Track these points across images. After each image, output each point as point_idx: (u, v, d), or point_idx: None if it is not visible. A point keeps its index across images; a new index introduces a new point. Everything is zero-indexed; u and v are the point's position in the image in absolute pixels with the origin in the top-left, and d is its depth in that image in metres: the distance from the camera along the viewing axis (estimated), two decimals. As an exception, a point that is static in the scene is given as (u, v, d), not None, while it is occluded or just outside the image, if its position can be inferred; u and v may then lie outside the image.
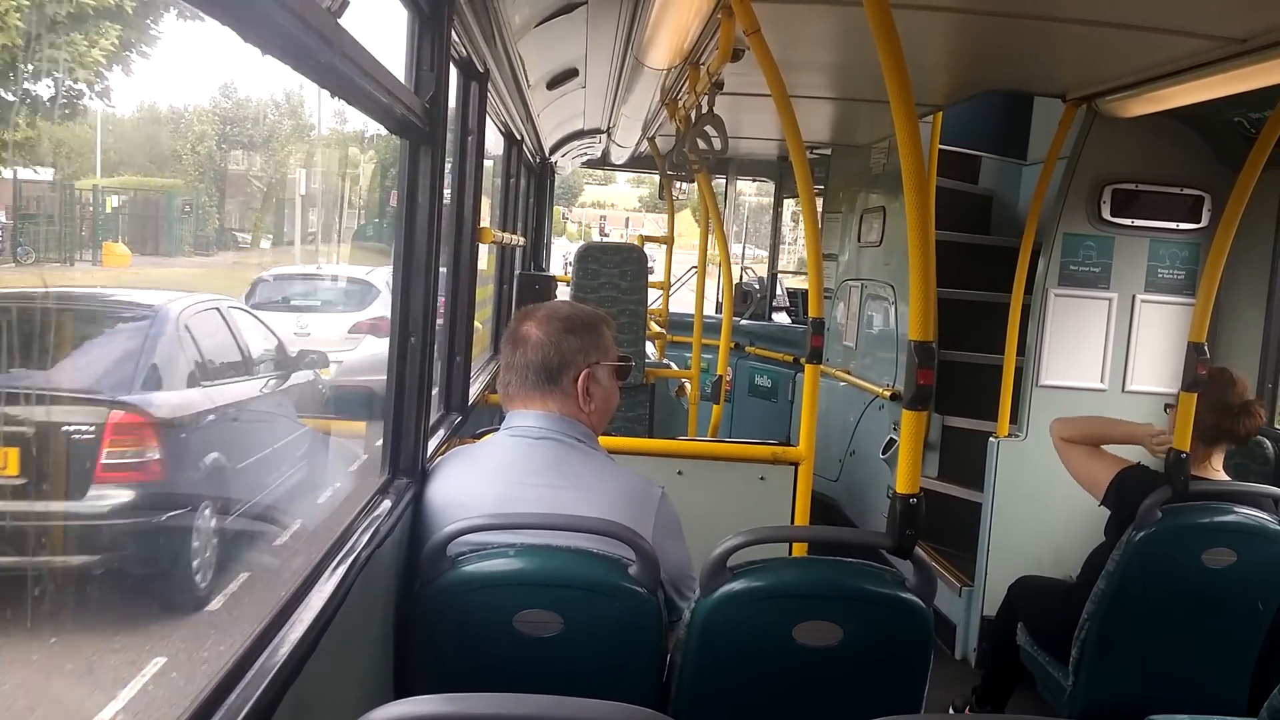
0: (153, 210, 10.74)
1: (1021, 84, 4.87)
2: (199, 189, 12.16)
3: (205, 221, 12.18)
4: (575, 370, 2.40)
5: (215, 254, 11.74)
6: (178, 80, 16.29)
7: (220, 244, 12.65)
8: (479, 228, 3.61)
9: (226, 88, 12.04)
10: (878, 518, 5.62)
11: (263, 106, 13.15)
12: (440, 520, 2.32)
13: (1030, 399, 4.61)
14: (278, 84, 19.65)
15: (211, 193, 12.20)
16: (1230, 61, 3.29)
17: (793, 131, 3.23)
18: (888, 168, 6.04)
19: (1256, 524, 3.21)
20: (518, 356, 2.41)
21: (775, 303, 9.69)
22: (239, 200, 12.51)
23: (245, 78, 11.93)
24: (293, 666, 1.55)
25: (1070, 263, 4.59)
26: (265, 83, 16.13)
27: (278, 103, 13.46)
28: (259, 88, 12.26)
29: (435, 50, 2.50)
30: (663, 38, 3.63)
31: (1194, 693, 3.31)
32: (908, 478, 2.26)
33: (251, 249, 12.22)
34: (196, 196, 12.00)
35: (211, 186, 12.12)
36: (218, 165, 12.08)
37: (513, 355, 2.42)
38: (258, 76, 20.45)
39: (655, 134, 6.52)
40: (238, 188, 12.40)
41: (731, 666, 2.20)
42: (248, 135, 12.07)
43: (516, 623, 2.14)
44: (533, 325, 2.41)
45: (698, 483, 3.51)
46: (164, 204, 10.36)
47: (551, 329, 2.40)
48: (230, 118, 11.95)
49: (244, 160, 12.39)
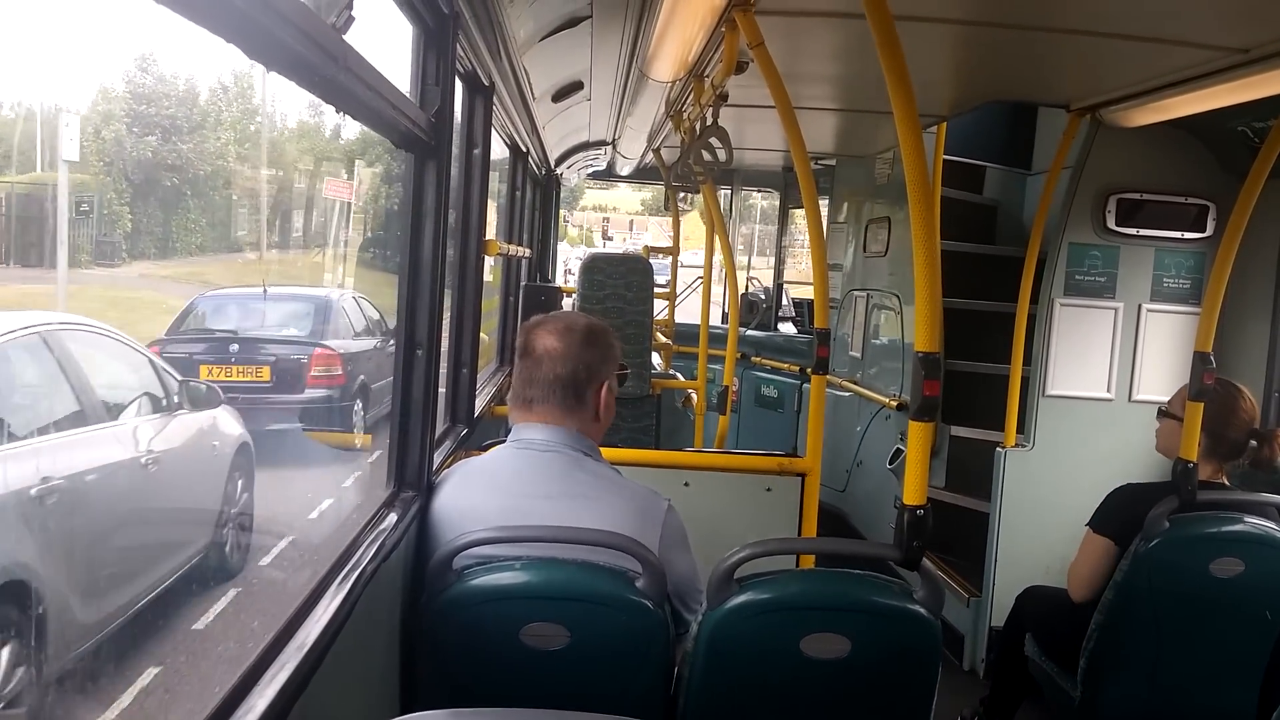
0: (35, 210, 8.35)
1: (1025, 94, 4.87)
2: (104, 184, 9.61)
3: (113, 224, 10.01)
4: (596, 384, 2.40)
5: (123, 264, 9.68)
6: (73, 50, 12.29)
7: (137, 252, 10.30)
8: (484, 240, 3.61)
9: (144, 60, 9.40)
10: (885, 528, 5.61)
11: (198, 84, 11.18)
12: (446, 533, 2.32)
13: (1037, 409, 4.61)
14: (220, 60, 15.59)
15: (123, 188, 9.63)
16: (1234, 71, 3.29)
17: (797, 143, 3.23)
18: (892, 178, 6.05)
19: (1265, 533, 3.20)
20: (542, 370, 2.38)
21: (781, 313, 9.68)
22: (164, 198, 10.10)
23: (173, 51, 9.71)
24: (299, 681, 1.55)
25: (1076, 272, 4.58)
26: (201, 58, 13.57)
27: (225, 85, 10.98)
28: (192, 63, 10.39)
29: (440, 64, 2.51)
30: (667, 50, 3.64)
31: (1202, 702, 3.29)
32: (915, 488, 2.26)
33: (173, 258, 10.74)
34: (100, 193, 9.67)
35: (122, 180, 9.41)
36: (132, 155, 9.12)
37: (535, 369, 2.39)
38: (189, 49, 14.98)
39: (660, 146, 6.54)
40: (163, 182, 9.67)
41: (739, 679, 2.20)
42: (171, 118, 9.37)
43: (523, 636, 2.14)
44: (553, 338, 2.39)
45: (704, 494, 3.50)
46: (50, 203, 7.98)
47: (573, 342, 2.39)
48: (147, 95, 9.06)
49: (168, 149, 9.40)
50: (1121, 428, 4.60)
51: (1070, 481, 4.50)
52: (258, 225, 12.16)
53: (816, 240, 3.51)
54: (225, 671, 4.57)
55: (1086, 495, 3.61)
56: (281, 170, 13.57)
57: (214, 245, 11.57)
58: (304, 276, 13.41)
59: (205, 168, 11.23)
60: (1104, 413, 4.63)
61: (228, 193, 11.97)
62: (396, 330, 2.53)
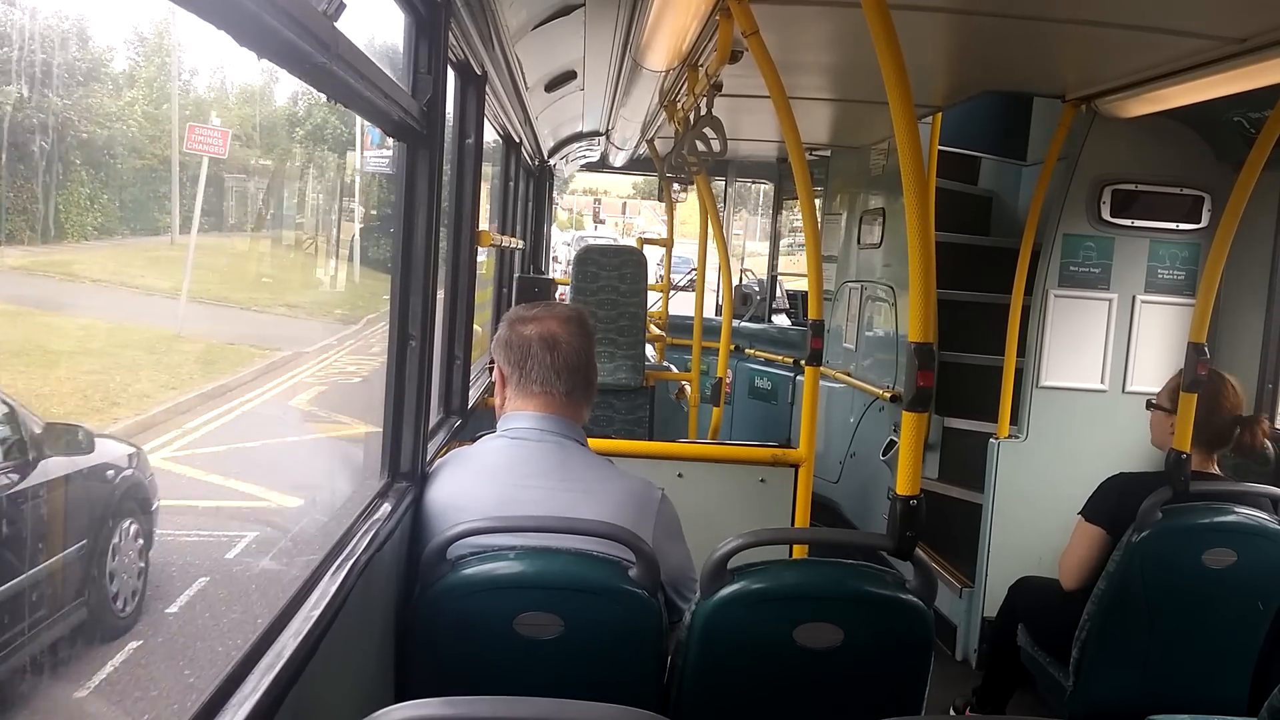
0: None
1: (1021, 84, 4.86)
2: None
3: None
4: (595, 369, 2.47)
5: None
6: None
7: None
8: (477, 230, 3.60)
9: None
10: (878, 519, 5.62)
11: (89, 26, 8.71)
12: (440, 523, 2.32)
13: (1031, 400, 4.61)
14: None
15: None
16: (1230, 61, 3.29)
17: (791, 133, 3.23)
18: (887, 169, 6.04)
19: (1257, 524, 3.21)
20: (558, 358, 2.38)
21: (775, 305, 9.69)
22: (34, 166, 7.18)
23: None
24: (293, 670, 1.55)
25: (1070, 263, 4.58)
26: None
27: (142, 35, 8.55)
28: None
29: (432, 53, 2.50)
30: (661, 40, 3.63)
31: (1194, 692, 3.31)
32: (908, 479, 2.26)
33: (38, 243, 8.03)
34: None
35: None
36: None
37: (550, 354, 2.38)
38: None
39: (654, 136, 6.53)
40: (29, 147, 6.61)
41: (732, 668, 2.20)
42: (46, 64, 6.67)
43: (517, 625, 2.14)
44: (560, 326, 2.41)
45: (698, 485, 3.51)
46: None
47: (577, 331, 2.43)
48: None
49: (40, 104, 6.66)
50: (1115, 419, 4.60)
51: (1064, 472, 4.51)
52: (178, 206, 10.06)
53: (811, 232, 3.50)
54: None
55: (1080, 486, 3.62)
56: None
57: (119, 228, 9.55)
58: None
59: (98, 131, 9.10)
60: (1098, 404, 4.63)
61: (139, 163, 9.79)
62: (389, 321, 2.53)
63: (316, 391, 10.50)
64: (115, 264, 9.41)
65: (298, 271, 14.63)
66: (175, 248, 10.16)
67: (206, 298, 10.81)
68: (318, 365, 11.17)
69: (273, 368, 10.24)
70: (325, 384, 10.83)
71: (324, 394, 10.49)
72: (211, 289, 11.16)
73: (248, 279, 12.88)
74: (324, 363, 11.37)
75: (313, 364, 11.10)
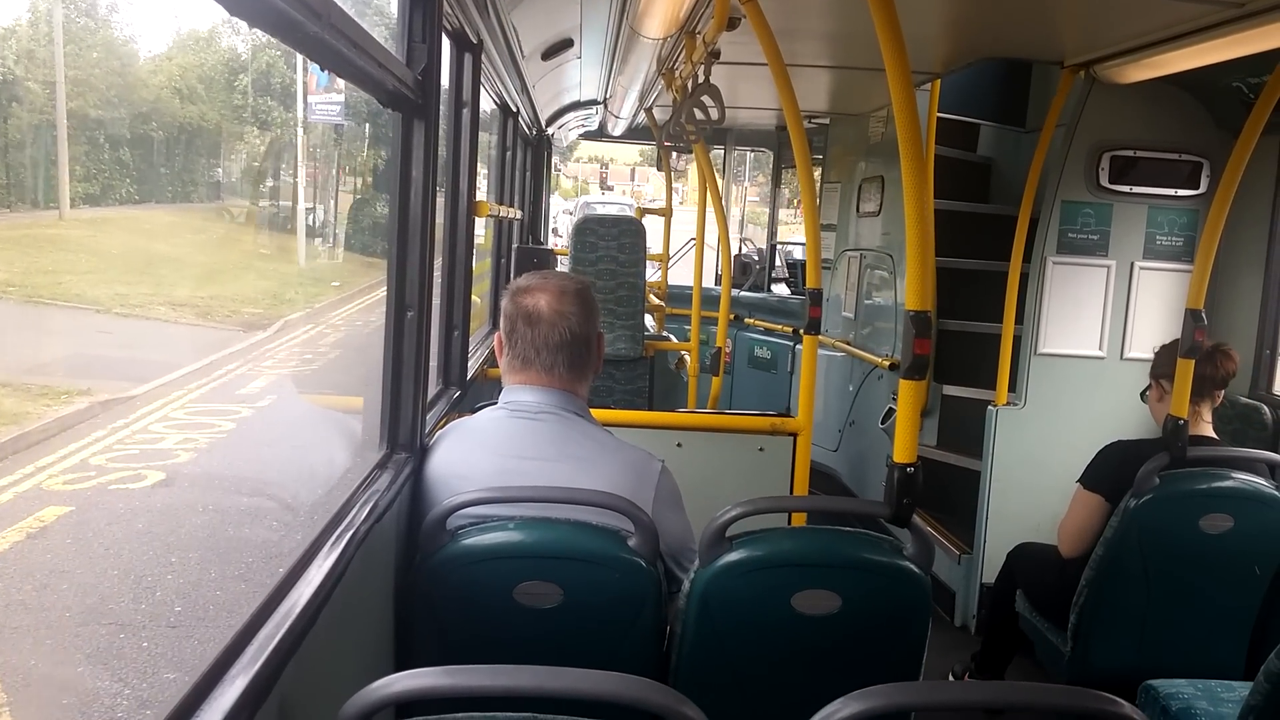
0: None
1: (1019, 50, 4.83)
2: None
3: None
4: (597, 340, 2.43)
5: None
6: None
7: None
8: (475, 201, 3.59)
9: None
10: (877, 487, 5.64)
11: None
12: (439, 494, 2.32)
13: (1029, 367, 4.62)
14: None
15: None
16: (1228, 26, 3.26)
17: (790, 101, 3.21)
18: (886, 136, 6.01)
19: (1254, 489, 3.22)
20: (553, 332, 2.36)
21: (774, 274, 9.67)
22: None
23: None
24: (293, 640, 1.56)
25: (1069, 230, 4.57)
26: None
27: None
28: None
29: (427, 21, 2.48)
30: (658, 7, 3.60)
31: (1191, 657, 3.33)
32: (905, 446, 2.27)
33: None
34: None
35: None
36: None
37: (531, 330, 2.36)
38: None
39: (652, 104, 6.49)
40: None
41: (731, 636, 2.21)
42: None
43: (517, 594, 2.15)
44: (553, 298, 2.37)
45: (697, 454, 3.51)
46: None
47: (575, 302, 2.38)
48: None
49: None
50: (1113, 386, 4.61)
51: (1062, 439, 4.52)
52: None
53: (809, 200, 3.49)
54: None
55: (1078, 453, 3.63)
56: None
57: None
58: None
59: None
60: (1096, 371, 4.64)
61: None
62: (387, 292, 2.52)
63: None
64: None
65: (217, 250, 10.70)
66: (65, 223, 7.67)
67: (48, 297, 7.32)
68: (157, 414, 6.38)
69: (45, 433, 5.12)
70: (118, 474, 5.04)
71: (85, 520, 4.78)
72: (66, 284, 7.76)
73: (134, 265, 9.39)
74: (172, 404, 6.55)
75: (151, 408, 6.44)
